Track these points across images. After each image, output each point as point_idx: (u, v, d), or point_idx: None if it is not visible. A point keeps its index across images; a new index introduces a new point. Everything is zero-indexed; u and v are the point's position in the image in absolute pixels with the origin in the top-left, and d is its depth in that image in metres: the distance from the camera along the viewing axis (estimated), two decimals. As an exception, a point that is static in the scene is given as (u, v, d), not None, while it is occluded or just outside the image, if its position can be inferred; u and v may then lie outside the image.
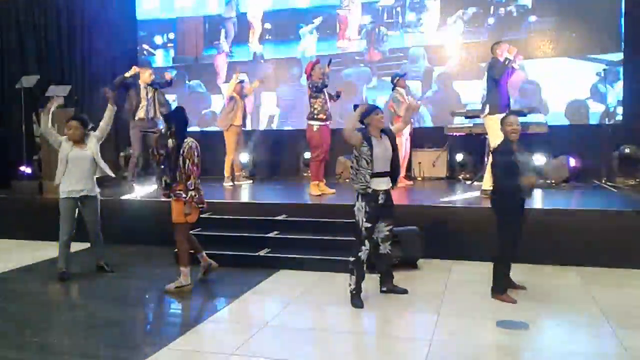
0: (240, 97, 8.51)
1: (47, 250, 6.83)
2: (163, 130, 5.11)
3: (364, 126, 4.67)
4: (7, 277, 5.86)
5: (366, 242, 4.64)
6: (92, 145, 5.58)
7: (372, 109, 4.65)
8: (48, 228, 7.14)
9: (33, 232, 7.40)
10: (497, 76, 6.40)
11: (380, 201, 4.66)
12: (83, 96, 9.41)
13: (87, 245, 6.01)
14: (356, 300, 4.66)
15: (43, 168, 8.02)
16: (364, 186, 4.56)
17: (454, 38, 9.25)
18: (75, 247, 5.93)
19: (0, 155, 8.80)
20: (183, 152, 4.92)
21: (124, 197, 7.38)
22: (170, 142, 4.94)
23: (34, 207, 7.58)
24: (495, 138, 6.35)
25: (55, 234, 5.68)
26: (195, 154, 4.96)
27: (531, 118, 8.03)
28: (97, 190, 5.70)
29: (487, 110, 6.46)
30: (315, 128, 7.01)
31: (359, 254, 4.63)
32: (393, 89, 7.91)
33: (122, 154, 9.86)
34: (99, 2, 10.26)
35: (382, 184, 4.65)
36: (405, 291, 4.91)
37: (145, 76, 7.91)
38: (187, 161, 4.93)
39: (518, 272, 5.11)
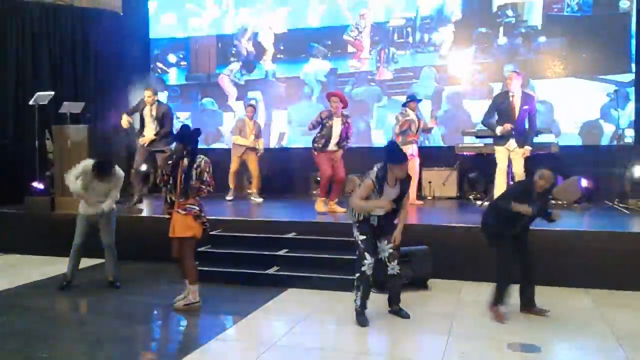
0: (250, 118, 8.82)
1: (58, 266, 6.85)
2: (174, 148, 5.14)
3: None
4: (17, 293, 5.87)
5: (365, 254, 4.63)
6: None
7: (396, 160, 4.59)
8: (59, 244, 7.20)
9: (44, 247, 7.44)
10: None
11: (372, 222, 4.68)
12: (96, 113, 9.50)
13: (98, 261, 6.03)
14: (360, 317, 4.64)
15: (55, 184, 8.09)
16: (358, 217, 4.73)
17: (464, 58, 9.29)
18: (85, 262, 5.99)
19: (13, 171, 8.86)
20: (199, 166, 4.97)
21: (132, 214, 7.43)
22: (185, 161, 4.97)
23: (46, 223, 7.63)
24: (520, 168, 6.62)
25: (66, 249, 5.75)
26: (210, 168, 5.04)
27: (542, 138, 8.03)
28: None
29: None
30: (315, 153, 7.28)
31: (362, 268, 4.63)
32: (404, 105, 7.95)
33: (133, 170, 9.91)
34: (113, 20, 10.41)
35: (378, 210, 4.67)
36: (407, 316, 4.81)
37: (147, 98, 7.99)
38: (205, 174, 4.98)
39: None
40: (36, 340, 4.39)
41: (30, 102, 8.35)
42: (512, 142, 6.62)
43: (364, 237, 4.67)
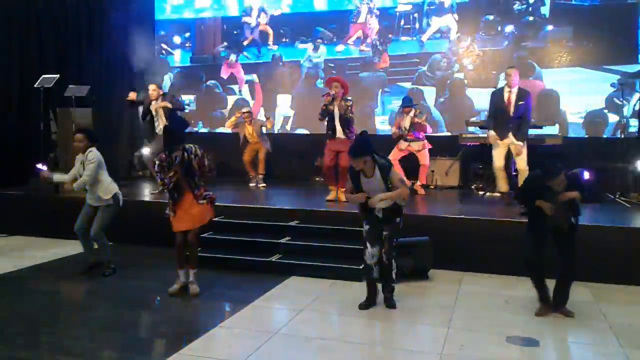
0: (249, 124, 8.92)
1: (62, 248, 6.93)
2: (169, 153, 5.00)
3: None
4: (20, 275, 5.94)
5: (367, 243, 4.80)
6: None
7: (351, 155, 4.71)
8: (63, 226, 7.24)
9: (48, 229, 7.50)
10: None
11: (377, 214, 4.75)
12: (101, 96, 9.47)
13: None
14: (362, 302, 4.85)
15: (59, 166, 8.11)
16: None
17: (470, 45, 9.22)
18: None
19: (17, 153, 8.89)
20: (196, 156, 5.01)
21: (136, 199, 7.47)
22: (185, 155, 4.98)
23: (50, 205, 7.68)
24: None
25: (69, 232, 5.82)
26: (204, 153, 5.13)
27: (546, 130, 8.03)
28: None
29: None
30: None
31: (364, 257, 4.83)
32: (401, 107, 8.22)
33: (136, 153, 9.95)
34: (118, 1, 10.33)
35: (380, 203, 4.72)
36: (393, 306, 4.83)
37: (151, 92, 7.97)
38: (205, 160, 5.06)
39: (528, 286, 5.11)
40: (39, 325, 4.46)
41: (36, 85, 8.34)
42: (510, 137, 6.76)
43: (367, 227, 4.82)
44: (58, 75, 8.47)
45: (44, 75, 8.41)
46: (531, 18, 8.93)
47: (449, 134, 9.19)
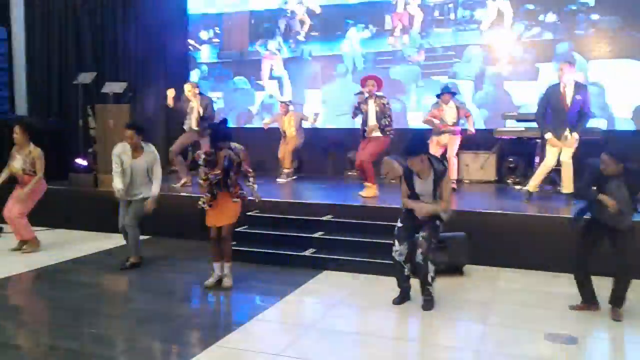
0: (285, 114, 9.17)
1: (102, 242, 7.09)
2: (213, 150, 5.11)
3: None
4: (63, 268, 6.10)
5: (395, 241, 4.75)
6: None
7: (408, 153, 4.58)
8: (102, 220, 7.44)
9: (88, 223, 7.70)
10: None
11: (418, 215, 4.68)
12: (137, 92, 9.63)
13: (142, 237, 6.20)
14: (395, 297, 4.83)
15: (98, 161, 8.30)
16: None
17: (509, 36, 8.98)
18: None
19: (58, 148, 9.13)
20: (237, 155, 5.12)
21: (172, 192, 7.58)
22: (231, 153, 5.07)
23: (89, 199, 7.87)
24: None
25: (109, 225, 5.91)
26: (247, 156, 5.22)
27: (589, 123, 7.78)
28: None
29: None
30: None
31: (392, 254, 4.78)
32: (438, 96, 7.84)
33: (170, 151, 10.06)
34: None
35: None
36: (428, 308, 4.68)
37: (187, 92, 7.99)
38: (243, 164, 5.16)
39: (567, 282, 4.99)
40: (83, 316, 4.58)
41: (74, 82, 8.54)
42: (567, 132, 6.46)
43: (400, 225, 4.78)
44: (96, 73, 8.66)
45: (82, 72, 8.62)
46: (574, 6, 8.63)
47: (486, 128, 8.99)
